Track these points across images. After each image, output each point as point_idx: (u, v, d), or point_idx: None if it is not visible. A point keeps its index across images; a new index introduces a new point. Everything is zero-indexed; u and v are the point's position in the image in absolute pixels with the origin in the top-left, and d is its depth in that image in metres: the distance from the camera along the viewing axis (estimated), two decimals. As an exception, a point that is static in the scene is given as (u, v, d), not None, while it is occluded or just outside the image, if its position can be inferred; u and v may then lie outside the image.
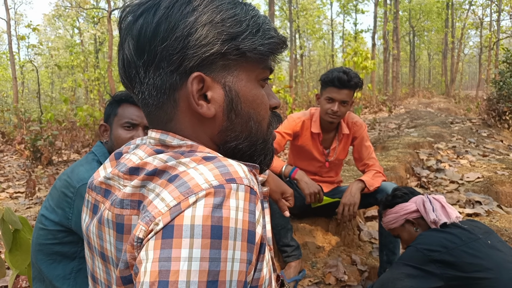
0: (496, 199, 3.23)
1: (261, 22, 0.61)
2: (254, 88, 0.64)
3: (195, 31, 0.56)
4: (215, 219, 0.46)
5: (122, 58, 0.62)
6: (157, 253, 0.45)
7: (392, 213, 1.68)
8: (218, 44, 0.57)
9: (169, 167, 0.54)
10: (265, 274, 0.56)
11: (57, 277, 1.29)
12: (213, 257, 0.45)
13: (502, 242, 1.46)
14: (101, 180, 0.65)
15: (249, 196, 0.50)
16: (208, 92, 0.59)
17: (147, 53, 0.58)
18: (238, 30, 0.58)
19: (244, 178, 0.51)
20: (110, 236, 0.58)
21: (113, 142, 1.41)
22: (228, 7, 0.59)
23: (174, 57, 0.57)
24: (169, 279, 0.43)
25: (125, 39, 0.61)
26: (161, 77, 0.59)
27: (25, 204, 3.86)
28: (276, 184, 1.45)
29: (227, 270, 0.45)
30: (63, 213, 1.27)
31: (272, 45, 0.62)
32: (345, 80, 1.99)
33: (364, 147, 2.27)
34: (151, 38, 0.57)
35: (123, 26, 0.62)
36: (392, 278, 1.43)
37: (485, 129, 7.01)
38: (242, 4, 0.62)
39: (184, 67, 0.57)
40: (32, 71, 22.68)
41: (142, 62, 0.59)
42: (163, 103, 0.61)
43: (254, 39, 0.60)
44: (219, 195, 0.48)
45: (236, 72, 0.61)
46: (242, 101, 0.62)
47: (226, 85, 0.60)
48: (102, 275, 0.64)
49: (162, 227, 0.47)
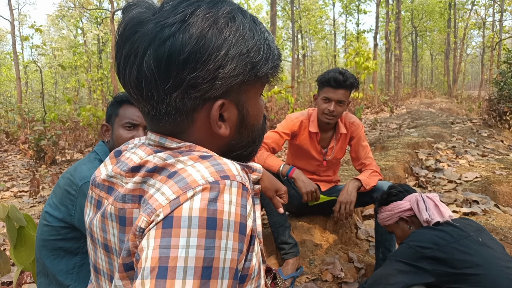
0: (494, 199, 3.26)
1: (271, 45, 0.64)
2: (258, 102, 0.69)
3: (226, 64, 0.59)
4: (210, 212, 0.51)
5: (138, 74, 0.60)
6: (157, 241, 0.50)
7: (386, 210, 1.72)
8: (242, 75, 0.61)
9: (168, 164, 0.58)
10: (255, 264, 0.61)
11: (61, 272, 1.33)
12: (208, 245, 0.49)
13: (493, 240, 1.50)
14: (104, 177, 0.70)
15: (241, 192, 0.55)
16: (224, 113, 0.64)
17: (173, 79, 0.58)
18: (258, 59, 0.62)
19: (237, 176, 0.56)
20: (113, 228, 0.63)
21: (115, 142, 1.46)
22: (250, 35, 0.61)
23: (203, 86, 0.59)
24: (168, 265, 0.48)
25: (142, 55, 0.58)
26: (183, 101, 0.60)
27: (29, 203, 3.92)
28: (270, 182, 1.49)
29: (221, 257, 0.50)
30: (66, 210, 1.31)
31: (278, 67, 0.67)
32: (340, 81, 2.03)
33: (361, 147, 2.31)
34: (181, 67, 0.57)
35: (136, 38, 0.59)
36: (385, 274, 1.47)
37: (485, 129, 7.02)
38: (256, 26, 0.63)
39: (210, 94, 0.60)
40: (36, 71, 22.81)
41: (166, 87, 0.59)
42: (180, 121, 0.63)
43: (268, 64, 0.64)
44: (214, 190, 0.52)
45: (247, 93, 0.65)
46: (251, 116, 0.68)
47: (239, 104, 0.65)
48: (105, 265, 0.68)
49: (163, 218, 0.51)
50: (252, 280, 0.61)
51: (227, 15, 0.59)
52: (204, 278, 0.48)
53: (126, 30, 0.60)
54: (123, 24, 0.60)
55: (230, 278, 0.51)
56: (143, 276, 0.49)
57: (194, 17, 0.57)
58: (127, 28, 0.60)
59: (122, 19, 0.62)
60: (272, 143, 2.21)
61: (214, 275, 0.49)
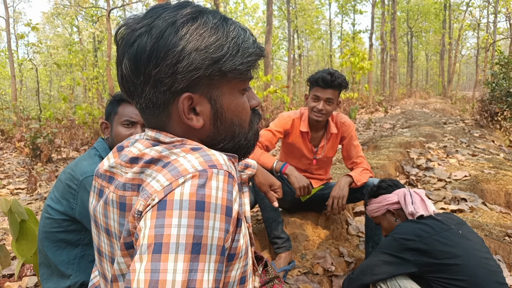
0: (481, 197, 3.35)
1: (240, 42, 0.70)
2: (236, 98, 0.76)
3: (183, 59, 0.66)
4: (199, 196, 0.58)
5: (121, 74, 0.71)
6: (153, 222, 0.58)
7: (375, 202, 1.80)
8: (202, 69, 0.67)
9: (163, 156, 0.66)
10: (242, 244, 0.69)
11: (62, 262, 1.39)
12: (197, 225, 0.57)
13: (473, 233, 1.58)
14: (106, 168, 0.78)
15: (227, 179, 0.62)
16: (197, 106, 0.71)
17: (142, 75, 0.68)
18: (220, 54, 0.68)
19: (224, 165, 0.64)
20: (114, 214, 0.71)
21: (114, 139, 1.52)
22: (210, 33, 0.67)
23: (166, 80, 0.67)
24: (162, 241, 0.55)
25: (122, 57, 0.69)
26: (156, 95, 0.69)
27: (26, 200, 3.96)
28: (264, 178, 1.56)
29: (209, 235, 0.57)
30: (68, 203, 1.37)
31: (250, 62, 0.73)
32: (329, 80, 2.12)
33: (352, 146, 2.39)
34: (146, 63, 0.66)
35: (120, 44, 0.70)
36: (371, 264, 1.55)
37: (477, 129, 7.14)
38: (223, 26, 0.69)
39: (175, 88, 0.68)
40: (31, 69, 22.68)
41: (139, 82, 0.69)
42: (159, 113, 0.72)
43: (234, 60, 0.70)
44: (202, 177, 0.60)
45: (220, 88, 0.72)
46: (226, 110, 0.74)
47: (211, 99, 0.72)
48: (107, 248, 0.76)
49: (158, 202, 0.59)
50: (240, 259, 0.69)
51: (187, 16, 0.67)
52: (194, 253, 0.55)
53: (120, 40, 0.70)
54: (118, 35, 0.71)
55: (218, 254, 0.58)
56: (141, 252, 0.56)
57: (157, 20, 0.67)
58: (120, 38, 0.70)
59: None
60: (265, 141, 2.28)
61: (203, 251, 0.56)
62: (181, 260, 0.54)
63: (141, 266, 0.55)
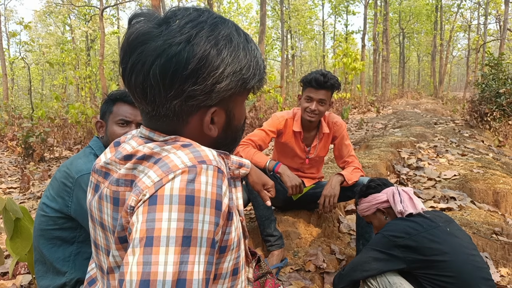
0: (470, 195, 3.41)
1: (259, 61, 0.75)
2: (242, 107, 0.81)
3: (222, 80, 0.69)
4: (189, 190, 0.61)
5: (143, 81, 0.67)
6: (144, 216, 0.60)
7: (365, 202, 1.84)
8: (234, 88, 0.71)
9: (154, 153, 0.69)
10: (234, 237, 0.72)
11: (57, 260, 1.40)
12: (187, 218, 0.59)
13: (461, 230, 1.63)
14: (102, 164, 0.81)
15: (216, 174, 0.65)
16: (215, 117, 0.75)
17: (175, 90, 0.67)
18: (248, 75, 0.72)
19: (213, 160, 0.66)
20: (107, 208, 0.74)
21: (109, 137, 1.53)
22: (243, 55, 0.71)
23: (201, 97, 0.69)
24: (154, 235, 0.58)
25: (149, 64, 0.66)
26: (182, 107, 0.70)
27: (19, 199, 3.94)
28: (258, 177, 1.59)
29: (199, 229, 0.60)
30: (63, 201, 1.38)
31: (263, 80, 0.78)
32: (321, 81, 2.16)
33: (344, 146, 2.43)
34: (184, 81, 0.67)
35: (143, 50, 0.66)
36: (361, 261, 1.59)
37: (467, 129, 7.24)
38: (248, 45, 0.73)
39: (205, 103, 0.71)
40: (23, 68, 22.44)
41: (169, 95, 0.68)
42: (175, 122, 0.73)
43: (255, 78, 0.75)
44: (192, 172, 0.62)
45: (235, 100, 0.76)
46: (236, 119, 0.79)
47: (228, 110, 0.76)
48: (102, 241, 0.79)
49: (149, 197, 0.62)
50: (232, 251, 0.72)
51: (226, 37, 0.69)
52: (185, 245, 0.58)
53: (135, 40, 0.67)
54: (132, 34, 0.67)
55: (208, 246, 0.61)
56: (134, 245, 0.59)
57: (197, 38, 0.66)
58: (136, 38, 0.67)
59: (129, 27, 0.70)
60: (258, 141, 2.31)
61: (193, 243, 0.59)
62: (172, 252, 0.57)
63: (134, 259, 0.57)
